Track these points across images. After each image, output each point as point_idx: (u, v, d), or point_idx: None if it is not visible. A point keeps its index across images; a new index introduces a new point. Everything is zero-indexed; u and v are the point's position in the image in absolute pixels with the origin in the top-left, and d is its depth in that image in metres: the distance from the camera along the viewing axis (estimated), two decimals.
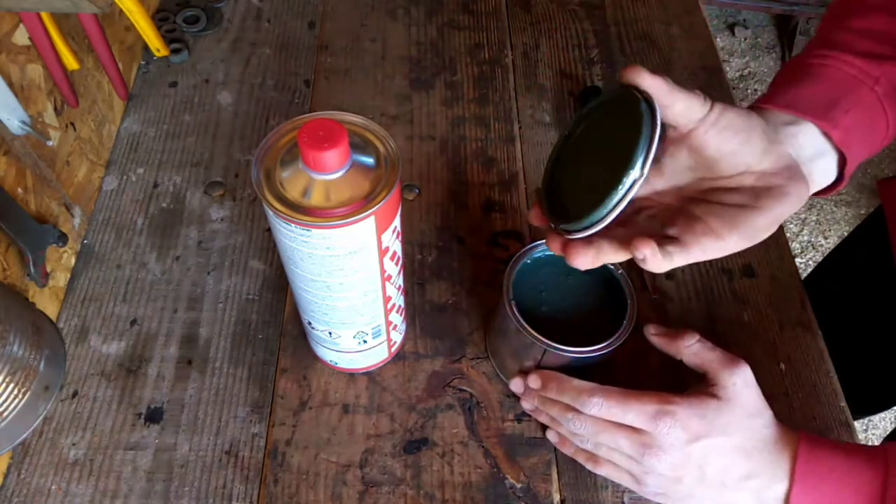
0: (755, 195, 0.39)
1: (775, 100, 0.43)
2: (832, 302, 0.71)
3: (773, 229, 0.39)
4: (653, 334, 0.50)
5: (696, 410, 0.44)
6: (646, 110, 0.35)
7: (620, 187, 0.35)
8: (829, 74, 0.44)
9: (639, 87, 0.36)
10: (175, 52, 0.75)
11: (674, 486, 0.45)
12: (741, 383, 0.45)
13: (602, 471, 0.49)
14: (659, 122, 0.35)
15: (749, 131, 0.39)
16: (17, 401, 0.49)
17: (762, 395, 0.46)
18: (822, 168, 0.42)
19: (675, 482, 0.45)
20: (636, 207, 0.43)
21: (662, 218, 0.41)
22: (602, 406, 0.45)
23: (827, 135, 0.42)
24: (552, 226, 0.41)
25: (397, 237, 0.44)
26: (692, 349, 0.47)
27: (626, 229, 0.41)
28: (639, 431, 0.45)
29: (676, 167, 0.42)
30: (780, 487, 0.43)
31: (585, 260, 0.39)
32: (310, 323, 0.50)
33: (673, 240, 0.39)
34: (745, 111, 0.40)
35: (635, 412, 0.45)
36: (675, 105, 0.37)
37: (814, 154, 0.42)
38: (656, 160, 0.38)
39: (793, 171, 0.40)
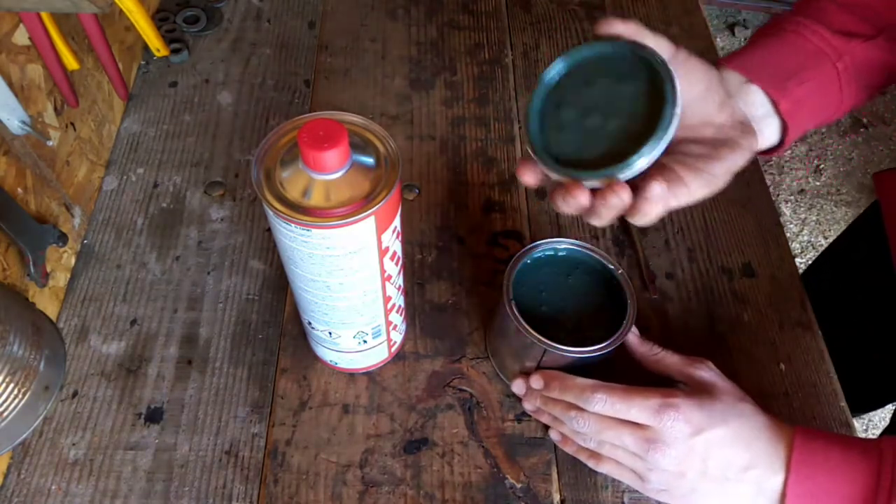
0: (714, 146, 0.43)
1: (740, 60, 0.46)
2: (830, 299, 0.71)
3: (729, 178, 0.43)
4: (631, 334, 0.51)
5: (696, 402, 0.45)
6: (666, 73, 0.36)
7: (659, 137, 0.36)
8: (797, 43, 0.47)
9: (641, 45, 0.38)
10: (175, 52, 0.75)
11: (677, 482, 0.45)
12: (708, 375, 0.48)
13: (605, 469, 0.49)
14: (678, 86, 0.36)
15: (709, 82, 0.42)
16: (17, 401, 0.49)
17: (736, 384, 0.48)
18: (767, 129, 0.46)
19: (679, 477, 0.45)
20: None
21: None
22: (605, 402, 0.46)
23: (775, 103, 0.45)
24: (561, 175, 0.39)
25: (397, 237, 0.44)
26: (655, 357, 0.50)
27: None
28: (642, 427, 0.45)
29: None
30: (778, 478, 0.44)
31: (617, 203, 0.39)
32: (310, 323, 0.50)
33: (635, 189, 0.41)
34: (706, 63, 0.42)
35: (639, 407, 0.45)
36: (645, 42, 0.39)
37: (763, 115, 0.46)
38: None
39: (745, 127, 0.44)
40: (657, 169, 0.41)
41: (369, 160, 0.40)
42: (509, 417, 0.54)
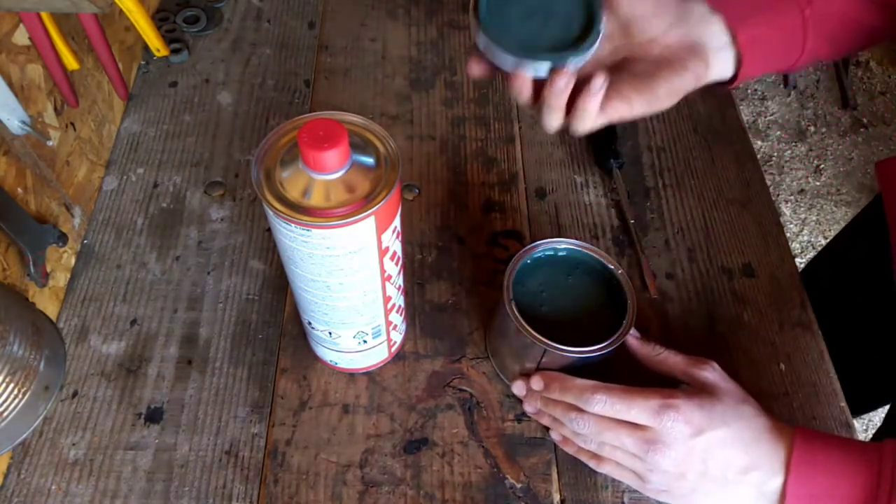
0: (658, 65, 0.44)
1: None
2: (829, 298, 0.71)
3: (674, 100, 0.45)
4: (630, 334, 0.51)
5: (696, 403, 0.45)
6: None
7: (597, 27, 0.41)
8: None
9: None
10: (175, 52, 0.75)
11: (677, 483, 0.45)
12: (712, 376, 0.47)
13: (605, 469, 0.49)
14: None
15: (659, 1, 0.44)
16: (17, 401, 0.49)
17: (740, 386, 0.47)
18: (722, 60, 0.46)
19: (679, 478, 0.45)
20: None
21: (582, 84, 0.45)
22: (605, 403, 0.46)
23: (734, 36, 0.45)
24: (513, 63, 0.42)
25: (397, 237, 0.44)
26: (658, 357, 0.50)
27: None
28: (642, 428, 0.45)
29: (633, 6, 0.46)
30: (778, 479, 0.44)
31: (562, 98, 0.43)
32: (310, 323, 0.50)
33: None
34: None
35: (639, 407, 0.45)
36: None
37: (720, 45, 0.46)
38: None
39: (695, 51, 0.45)
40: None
41: (369, 160, 0.40)
42: (509, 417, 0.54)
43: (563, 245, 0.52)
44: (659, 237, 0.65)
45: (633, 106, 0.44)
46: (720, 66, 0.46)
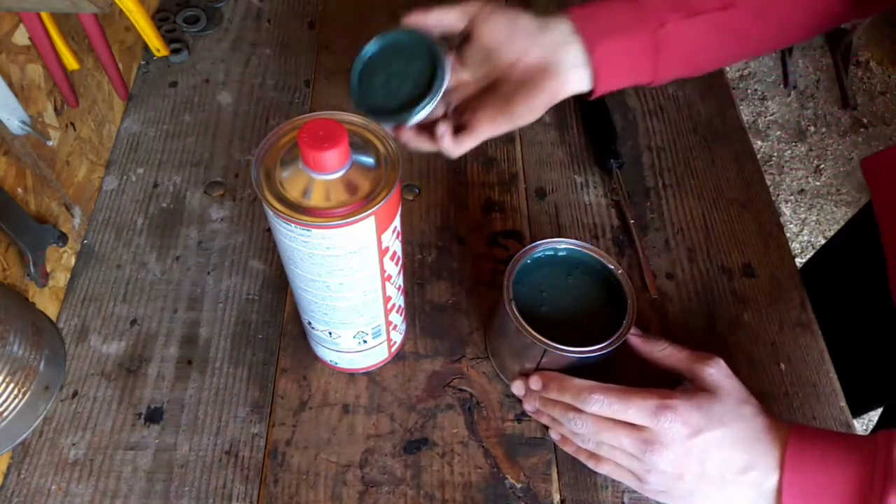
0: (518, 86, 0.49)
1: (582, 11, 0.51)
2: (828, 297, 0.71)
3: (535, 115, 0.50)
4: (631, 334, 0.51)
5: (694, 403, 0.45)
6: (439, 57, 0.48)
7: (435, 89, 0.48)
8: (637, 4, 0.50)
9: (429, 34, 0.49)
10: (175, 52, 0.75)
11: (675, 483, 0.45)
12: (717, 373, 0.47)
13: (604, 470, 0.49)
14: (447, 67, 0.48)
15: (511, 29, 0.49)
16: (17, 401, 0.49)
17: (743, 385, 0.47)
18: (578, 77, 0.50)
19: (677, 479, 0.45)
20: (448, 104, 0.53)
21: (462, 109, 0.52)
22: (603, 403, 0.46)
23: (590, 55, 0.49)
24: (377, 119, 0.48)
25: (397, 237, 0.44)
26: (664, 352, 0.50)
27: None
28: (640, 429, 0.45)
29: (471, 60, 0.51)
30: (775, 478, 0.44)
31: (418, 140, 0.51)
32: (310, 323, 0.50)
33: (464, 126, 0.51)
34: (516, 13, 0.50)
35: (636, 408, 0.45)
36: (443, 17, 0.50)
37: (576, 64, 0.50)
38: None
39: (549, 71, 0.49)
40: (472, 109, 0.51)
41: (369, 160, 0.40)
42: (509, 417, 0.54)
43: (563, 245, 0.52)
44: (659, 237, 0.65)
45: (497, 125, 0.50)
46: (576, 82, 0.50)
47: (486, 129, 0.50)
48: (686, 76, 0.54)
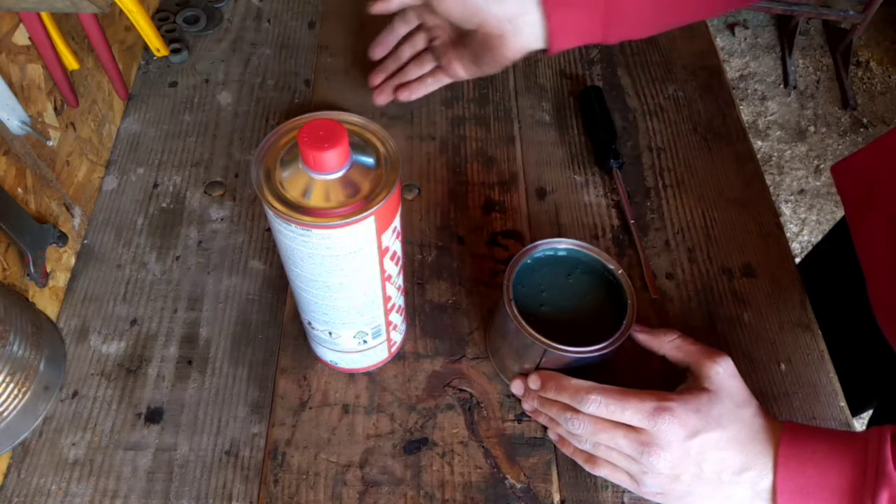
0: (483, 41, 0.60)
1: None
2: (826, 296, 0.71)
3: (498, 67, 0.63)
4: (637, 331, 0.50)
5: (692, 405, 0.45)
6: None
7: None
8: None
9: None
10: (175, 52, 0.75)
11: (672, 485, 0.45)
12: (724, 372, 0.47)
13: (600, 471, 0.49)
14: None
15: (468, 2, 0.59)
16: (17, 401, 0.49)
17: (746, 386, 0.47)
18: (535, 36, 0.59)
19: (674, 480, 0.45)
20: (431, 36, 0.68)
21: (438, 53, 0.67)
22: (600, 404, 0.46)
23: (548, 18, 0.57)
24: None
25: (397, 237, 0.44)
26: (674, 343, 0.49)
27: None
28: (637, 430, 0.45)
29: (448, 14, 0.61)
30: (770, 477, 0.44)
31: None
32: (310, 323, 0.50)
33: (436, 69, 0.68)
34: None
35: (633, 409, 0.45)
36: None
37: (533, 23, 0.58)
38: None
39: (508, 30, 0.59)
40: (446, 56, 0.65)
41: (369, 160, 0.40)
42: (509, 417, 0.54)
43: (563, 245, 0.52)
44: (659, 237, 0.65)
45: (469, 71, 0.65)
46: (533, 40, 0.59)
47: (461, 73, 0.65)
48: (631, 38, 0.64)
